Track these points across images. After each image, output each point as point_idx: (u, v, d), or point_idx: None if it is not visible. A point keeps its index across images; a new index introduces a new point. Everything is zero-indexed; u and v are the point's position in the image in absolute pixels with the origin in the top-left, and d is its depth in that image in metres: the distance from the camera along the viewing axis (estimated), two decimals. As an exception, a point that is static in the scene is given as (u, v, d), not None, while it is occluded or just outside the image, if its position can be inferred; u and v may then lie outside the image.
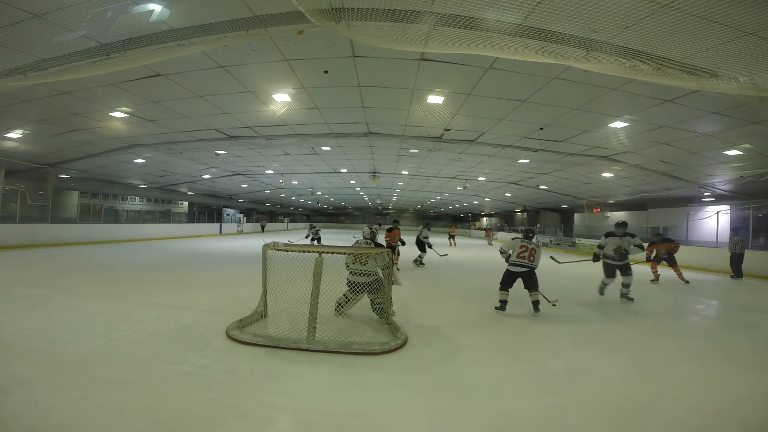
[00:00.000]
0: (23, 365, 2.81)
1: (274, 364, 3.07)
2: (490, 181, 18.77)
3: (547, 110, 7.77)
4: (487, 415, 2.40)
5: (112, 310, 4.46)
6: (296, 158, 14.79)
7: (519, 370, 3.16)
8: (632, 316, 5.42)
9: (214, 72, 6.34)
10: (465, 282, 8.25)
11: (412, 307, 5.27)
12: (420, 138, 10.69)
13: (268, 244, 4.21)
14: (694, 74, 4.77)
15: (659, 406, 2.58)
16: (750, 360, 3.58)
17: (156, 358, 3.08)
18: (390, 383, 2.82)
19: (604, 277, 6.76)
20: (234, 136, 11.05)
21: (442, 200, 31.75)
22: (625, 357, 3.57)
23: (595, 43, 4.43)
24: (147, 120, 9.24)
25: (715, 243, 13.44)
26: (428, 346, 3.65)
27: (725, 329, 4.97)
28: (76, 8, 4.23)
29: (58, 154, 12.85)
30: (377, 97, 7.64)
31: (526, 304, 5.98)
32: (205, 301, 5.24)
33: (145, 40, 4.92)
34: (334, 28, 4.33)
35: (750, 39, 3.99)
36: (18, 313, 4.19)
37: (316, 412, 2.36)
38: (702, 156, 10.22)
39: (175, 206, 29.58)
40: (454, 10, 3.98)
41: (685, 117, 7.45)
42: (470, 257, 15.02)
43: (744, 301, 6.96)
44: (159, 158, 14.19)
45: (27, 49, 5.11)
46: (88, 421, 2.13)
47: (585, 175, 14.70)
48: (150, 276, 7.30)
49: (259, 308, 4.32)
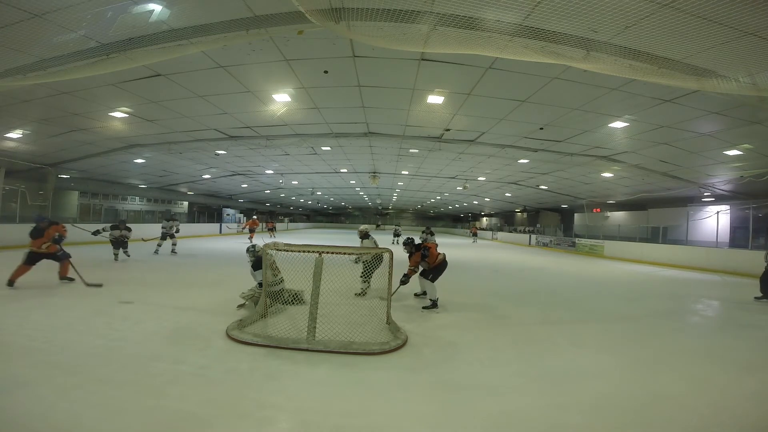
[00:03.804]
0: (23, 365, 2.81)
1: (274, 364, 3.07)
2: (490, 181, 18.78)
3: (547, 110, 7.78)
4: (487, 415, 2.40)
5: (112, 310, 4.46)
6: (296, 158, 14.79)
7: (519, 370, 3.16)
8: (631, 317, 5.42)
9: (214, 72, 6.34)
10: (464, 282, 8.25)
11: (412, 308, 5.27)
12: (420, 138, 10.69)
13: (268, 244, 4.24)
14: (694, 74, 4.77)
15: (659, 406, 2.58)
16: (749, 359, 3.59)
17: (156, 358, 3.08)
18: (390, 383, 2.82)
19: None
20: (234, 136, 11.05)
21: (442, 200, 31.76)
22: (625, 357, 3.57)
23: (595, 43, 4.43)
24: (147, 120, 9.25)
25: (715, 243, 13.43)
26: (428, 346, 3.65)
27: (725, 329, 4.97)
28: (76, 8, 4.23)
29: (58, 154, 12.85)
30: (377, 97, 7.64)
31: (526, 304, 5.99)
32: (205, 301, 5.24)
33: (145, 40, 4.93)
34: (334, 28, 4.33)
35: (750, 39, 4.00)
36: (18, 313, 4.18)
37: (316, 412, 2.36)
38: (702, 156, 10.22)
39: (175, 206, 29.58)
40: (454, 10, 3.98)
41: (685, 117, 7.45)
42: (464, 256, 15.02)
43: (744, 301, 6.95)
44: (159, 158, 14.20)
45: (27, 49, 5.12)
46: (87, 422, 2.13)
47: (585, 175, 14.70)
48: (150, 276, 7.30)
49: (259, 308, 4.33)
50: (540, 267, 12.11)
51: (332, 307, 4.54)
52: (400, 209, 49.18)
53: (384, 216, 51.21)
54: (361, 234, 6.77)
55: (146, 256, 10.34)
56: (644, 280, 9.72)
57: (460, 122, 9.03)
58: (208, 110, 8.53)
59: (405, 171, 17.58)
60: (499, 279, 9.04)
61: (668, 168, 12.07)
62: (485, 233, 35.40)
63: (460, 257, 14.56)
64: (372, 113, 8.70)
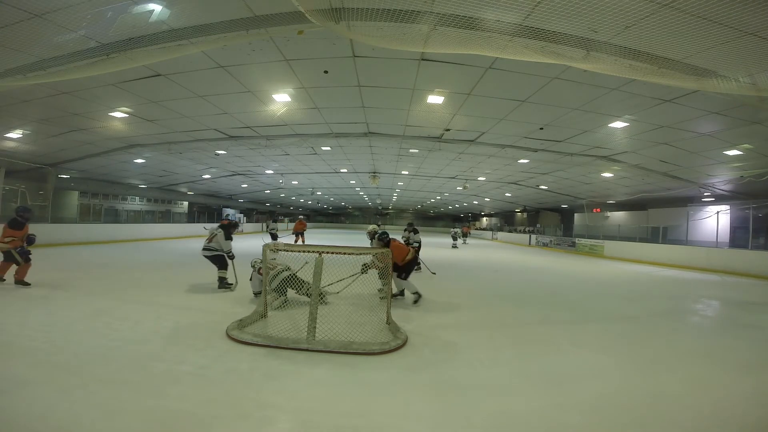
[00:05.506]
0: (23, 365, 2.81)
1: (274, 364, 3.07)
2: (490, 181, 18.78)
3: (547, 110, 7.78)
4: (487, 414, 2.40)
5: (112, 310, 4.46)
6: (296, 158, 14.79)
7: (519, 370, 3.16)
8: (631, 317, 5.42)
9: (214, 72, 6.34)
10: (465, 282, 8.25)
11: (412, 308, 5.28)
12: (420, 138, 10.69)
13: (268, 244, 4.24)
14: (694, 74, 4.77)
15: (659, 406, 2.58)
16: (749, 359, 3.59)
17: (156, 358, 3.08)
18: (390, 383, 2.82)
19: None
20: (234, 136, 11.05)
21: (442, 200, 31.76)
22: (625, 357, 3.57)
23: (595, 43, 4.43)
24: (147, 120, 9.25)
25: (715, 243, 13.43)
26: (428, 346, 3.65)
27: (725, 329, 4.97)
28: (76, 8, 4.23)
29: (58, 154, 12.85)
30: (377, 97, 7.64)
31: (526, 304, 5.99)
32: (205, 301, 5.24)
33: (145, 40, 4.93)
34: (334, 28, 4.33)
35: (750, 39, 4.00)
36: (18, 313, 4.19)
37: (316, 412, 2.36)
38: (702, 156, 10.22)
39: (175, 206, 29.58)
40: (454, 10, 3.98)
41: (685, 117, 7.45)
42: (464, 256, 15.02)
43: (744, 301, 6.95)
44: (159, 158, 14.20)
45: (27, 49, 5.12)
46: (87, 422, 2.13)
47: (585, 175, 14.70)
48: (150, 276, 7.30)
49: (260, 308, 4.33)
50: (540, 267, 12.11)
51: (332, 307, 4.55)
52: (400, 209, 49.16)
53: (384, 216, 51.17)
54: (371, 234, 6.70)
55: (146, 257, 10.34)
56: (644, 280, 9.72)
57: (460, 122, 9.02)
58: (208, 110, 8.53)
59: (405, 171, 17.58)
60: (499, 279, 9.03)
61: (668, 168, 12.07)
62: (485, 233, 35.23)
63: (461, 257, 14.57)
64: (372, 113, 8.70)
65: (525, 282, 8.61)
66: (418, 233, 9.24)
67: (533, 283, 8.48)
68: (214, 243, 6.13)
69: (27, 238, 5.63)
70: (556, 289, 7.59)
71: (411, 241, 8.93)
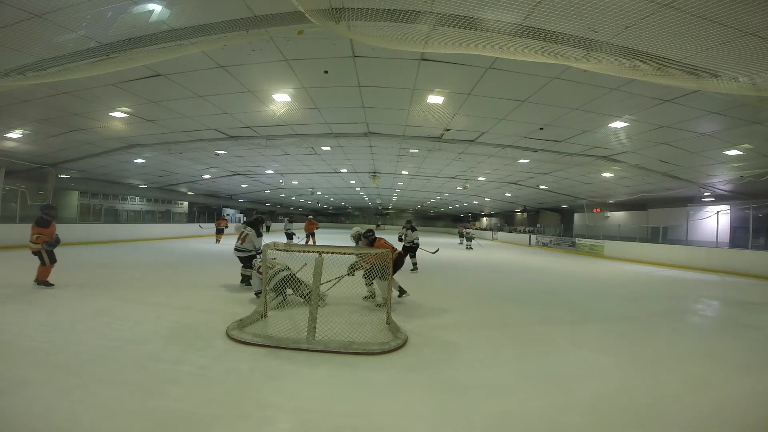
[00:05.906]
0: (23, 365, 2.81)
1: (274, 364, 3.07)
2: (490, 181, 18.78)
3: (547, 110, 7.78)
4: (487, 414, 2.40)
5: (112, 310, 4.46)
6: (296, 158, 14.79)
7: (519, 370, 3.16)
8: (631, 317, 5.42)
9: (214, 72, 6.34)
10: (465, 282, 8.25)
11: (412, 308, 5.27)
12: (420, 138, 10.69)
13: (268, 244, 4.24)
14: (694, 74, 4.77)
15: (659, 406, 2.57)
16: (749, 359, 3.59)
17: (156, 358, 3.08)
18: (390, 383, 2.81)
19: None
20: (234, 136, 11.05)
21: (442, 200, 31.76)
22: (625, 357, 3.57)
23: (595, 43, 4.43)
24: (147, 120, 9.25)
25: (715, 243, 13.43)
26: (428, 346, 3.65)
27: (725, 329, 4.97)
28: (76, 8, 4.23)
29: (58, 154, 12.86)
30: (377, 97, 7.65)
31: (526, 304, 5.99)
32: (205, 301, 5.24)
33: (145, 40, 4.93)
34: (334, 28, 4.33)
35: (750, 39, 4.00)
36: (18, 313, 4.19)
37: (316, 412, 2.36)
38: (702, 156, 10.22)
39: (175, 206, 29.59)
40: (454, 10, 3.98)
41: (685, 117, 7.45)
42: (464, 257, 15.02)
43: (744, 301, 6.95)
44: (159, 158, 14.21)
45: (27, 49, 5.12)
46: (87, 422, 2.13)
47: (585, 175, 14.71)
48: (150, 276, 7.30)
49: (260, 308, 4.33)
50: (540, 267, 12.11)
51: (332, 307, 4.55)
52: (400, 209, 49.17)
53: (384, 216, 51.18)
54: (355, 238, 5.83)
55: (146, 257, 10.34)
56: (644, 280, 9.71)
57: (460, 122, 9.03)
58: (208, 110, 8.54)
59: (405, 171, 17.58)
60: (499, 279, 9.03)
61: (668, 168, 12.07)
62: (485, 233, 35.13)
63: (461, 257, 14.57)
64: (372, 113, 8.71)
65: (525, 282, 8.61)
66: (416, 231, 9.28)
67: (533, 283, 8.48)
68: (248, 244, 6.00)
69: (55, 238, 5.67)
70: (556, 289, 7.58)
71: (409, 239, 9.08)
